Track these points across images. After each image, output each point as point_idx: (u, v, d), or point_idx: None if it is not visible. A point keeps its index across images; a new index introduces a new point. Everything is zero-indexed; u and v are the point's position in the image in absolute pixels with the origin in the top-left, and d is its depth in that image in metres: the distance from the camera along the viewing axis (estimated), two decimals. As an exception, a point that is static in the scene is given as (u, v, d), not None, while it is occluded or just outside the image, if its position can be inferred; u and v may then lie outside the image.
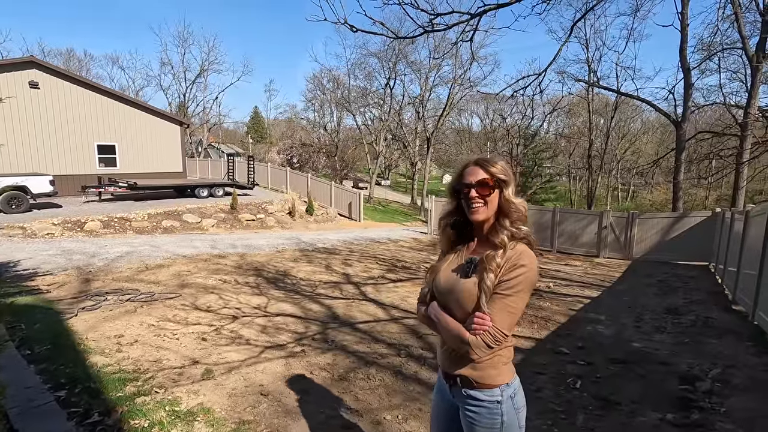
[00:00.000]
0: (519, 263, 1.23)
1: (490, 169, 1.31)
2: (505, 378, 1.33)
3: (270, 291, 6.40)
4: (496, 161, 1.33)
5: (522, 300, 1.24)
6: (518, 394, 1.36)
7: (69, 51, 41.32)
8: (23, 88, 15.04)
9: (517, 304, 1.23)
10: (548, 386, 3.51)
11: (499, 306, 1.22)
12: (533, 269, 1.24)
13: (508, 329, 1.23)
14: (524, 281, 1.22)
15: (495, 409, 1.31)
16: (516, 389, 1.36)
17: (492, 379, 1.31)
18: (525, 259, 1.24)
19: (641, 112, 35.45)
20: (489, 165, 1.32)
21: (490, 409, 1.32)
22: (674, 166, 16.37)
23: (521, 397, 1.38)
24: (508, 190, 1.30)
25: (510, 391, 1.33)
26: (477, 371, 1.31)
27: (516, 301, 1.22)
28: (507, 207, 1.30)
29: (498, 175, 1.30)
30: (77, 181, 15.72)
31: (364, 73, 33.60)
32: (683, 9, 14.61)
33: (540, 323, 5.37)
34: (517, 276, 1.22)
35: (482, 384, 1.32)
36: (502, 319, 1.22)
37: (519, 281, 1.22)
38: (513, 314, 1.23)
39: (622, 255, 12.15)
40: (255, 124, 59.54)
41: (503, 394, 1.32)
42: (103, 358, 3.65)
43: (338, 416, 2.88)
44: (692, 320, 5.67)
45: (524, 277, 1.22)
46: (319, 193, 19.30)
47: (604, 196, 35.85)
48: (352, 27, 4.84)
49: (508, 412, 1.32)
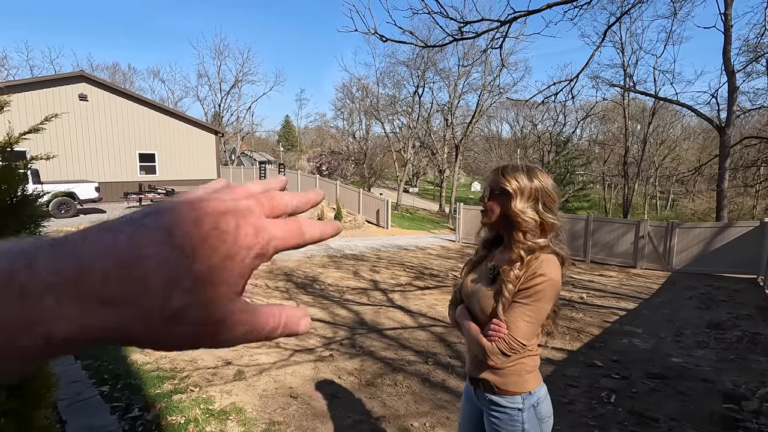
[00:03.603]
0: (538, 272, 1.23)
1: (499, 178, 1.33)
2: (529, 386, 1.32)
3: (299, 296, 6.52)
4: (509, 172, 1.33)
5: (541, 309, 1.23)
6: (543, 404, 1.35)
7: (115, 65, 43.98)
8: (73, 100, 16.07)
9: (535, 313, 1.22)
10: (581, 399, 3.41)
11: (517, 314, 1.23)
12: (553, 279, 1.23)
13: (524, 338, 1.22)
14: (543, 290, 1.22)
15: (516, 417, 1.31)
16: (540, 399, 1.34)
17: (514, 386, 1.31)
18: (545, 268, 1.23)
19: (681, 118, 34.01)
20: (501, 173, 1.34)
21: (511, 416, 1.31)
22: (718, 174, 15.56)
23: (547, 408, 1.36)
24: (515, 201, 1.28)
25: (533, 400, 1.32)
26: (500, 377, 1.32)
27: (534, 310, 1.22)
28: (514, 218, 1.28)
29: (503, 185, 1.31)
30: (120, 188, 16.58)
31: (393, 81, 33.88)
32: (727, 9, 13.97)
33: (572, 335, 5.22)
34: (536, 285, 1.22)
35: (504, 390, 1.32)
36: (518, 327, 1.22)
37: (537, 290, 1.22)
38: (530, 323, 1.22)
39: (660, 266, 11.63)
40: (286, 132, 61.02)
41: (525, 402, 1.31)
42: (142, 356, 3.82)
43: (366, 421, 2.90)
44: (738, 336, 5.35)
45: (543, 286, 1.21)
46: (347, 200, 19.52)
47: (641, 205, 34.50)
48: (382, 37, 4.93)
49: (529, 420, 1.31)
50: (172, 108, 23.94)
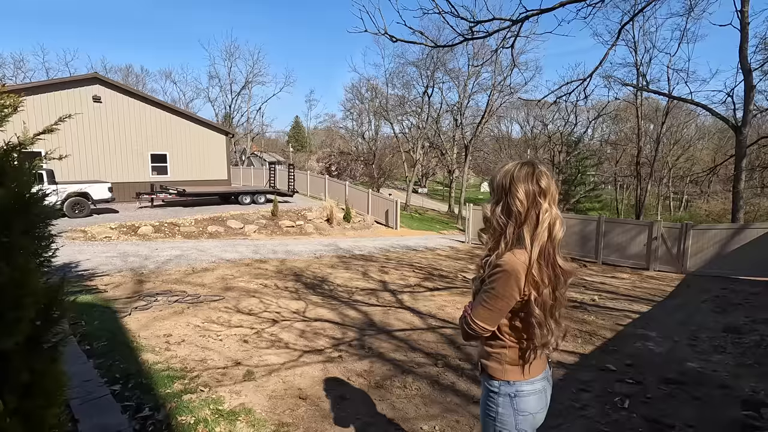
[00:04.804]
0: (495, 264, 1.38)
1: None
2: (508, 376, 1.45)
3: (309, 296, 6.52)
4: (494, 172, 1.48)
5: (496, 297, 1.37)
6: (524, 399, 1.44)
7: (128, 67, 44.58)
8: (87, 102, 16.33)
9: (491, 300, 1.38)
10: (594, 404, 3.35)
11: (478, 299, 1.43)
12: (507, 270, 1.35)
13: (479, 318, 1.40)
14: (497, 280, 1.36)
15: (492, 398, 1.47)
16: (521, 393, 1.44)
17: (493, 371, 1.47)
18: (501, 260, 1.37)
19: (695, 117, 33.45)
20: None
21: (490, 397, 1.48)
22: (734, 174, 15.25)
23: (527, 404, 1.44)
24: (491, 202, 1.45)
25: (510, 390, 1.44)
26: (486, 360, 1.49)
27: (490, 297, 1.37)
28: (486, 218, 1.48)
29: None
30: (132, 188, 16.79)
31: (402, 81, 33.89)
32: (743, 7, 13.68)
33: (584, 338, 5.14)
34: (491, 275, 1.38)
35: (487, 373, 1.49)
36: (476, 309, 1.41)
37: (492, 279, 1.38)
38: (486, 308, 1.39)
39: (674, 268, 11.42)
40: (296, 133, 61.33)
41: (501, 389, 1.45)
42: (153, 355, 3.85)
43: (375, 423, 2.88)
44: (756, 341, 5.22)
45: (497, 276, 1.36)
46: (356, 200, 19.53)
47: (653, 206, 33.94)
48: (392, 37, 4.91)
49: (504, 406, 1.44)
50: (183, 109, 24.22)
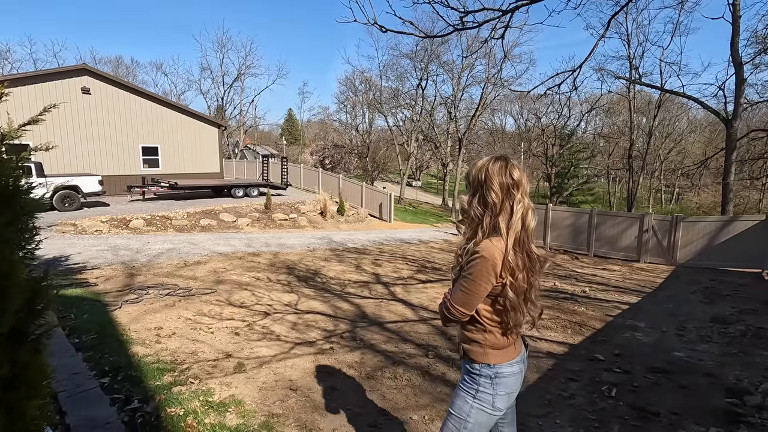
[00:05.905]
0: (473, 250, 1.46)
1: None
2: (490, 360, 1.51)
3: (301, 289, 6.52)
4: (470, 166, 1.56)
5: (473, 283, 1.44)
6: (503, 379, 1.52)
7: (118, 58, 43.91)
8: (76, 93, 16.06)
9: (469, 285, 1.45)
10: (581, 394, 3.39)
11: (457, 284, 1.51)
12: (485, 256, 1.42)
13: (458, 303, 1.48)
14: (475, 265, 1.43)
15: (474, 379, 1.54)
16: (501, 374, 1.51)
17: (475, 355, 1.54)
18: (479, 247, 1.44)
19: (687, 110, 33.67)
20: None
21: (471, 377, 1.56)
22: (724, 167, 15.39)
23: (505, 386, 1.52)
24: (468, 194, 1.54)
25: (490, 372, 1.51)
26: (468, 345, 1.56)
27: (468, 282, 1.45)
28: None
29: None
30: (123, 181, 16.61)
31: (396, 74, 33.67)
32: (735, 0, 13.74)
33: (574, 328, 5.20)
34: (469, 261, 1.46)
35: (468, 356, 1.56)
36: (455, 293, 1.50)
37: (471, 265, 1.45)
38: (464, 292, 1.47)
39: (664, 260, 11.57)
40: (289, 126, 60.90)
41: (482, 371, 1.52)
42: (143, 348, 3.83)
43: (365, 414, 2.90)
44: (742, 330, 5.31)
45: (475, 262, 1.43)
46: (350, 193, 19.49)
47: (645, 199, 34.26)
48: (381, 27, 4.86)
49: (484, 386, 1.52)
50: (174, 101, 23.93)
